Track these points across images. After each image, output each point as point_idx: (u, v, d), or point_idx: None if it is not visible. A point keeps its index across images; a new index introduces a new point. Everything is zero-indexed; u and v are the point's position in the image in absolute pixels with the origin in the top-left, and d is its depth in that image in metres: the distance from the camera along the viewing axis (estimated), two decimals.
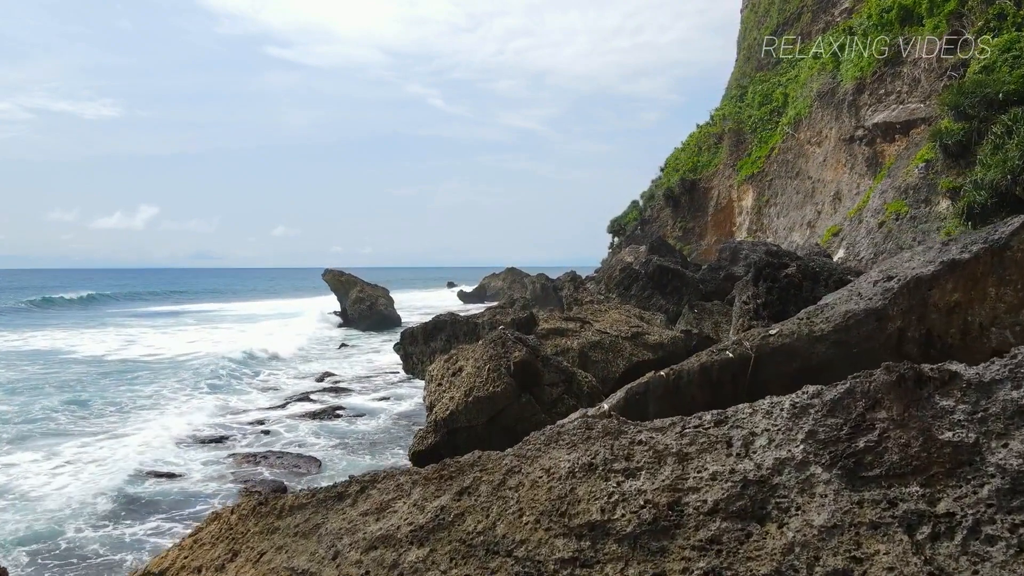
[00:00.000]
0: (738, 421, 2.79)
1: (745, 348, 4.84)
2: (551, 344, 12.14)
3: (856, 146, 23.71)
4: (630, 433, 2.96)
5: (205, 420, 13.31)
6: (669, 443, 2.82)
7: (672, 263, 14.91)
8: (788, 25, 44.62)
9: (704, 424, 2.86)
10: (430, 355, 13.33)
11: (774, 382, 4.86)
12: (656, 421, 3.01)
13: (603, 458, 2.88)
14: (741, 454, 2.63)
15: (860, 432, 2.43)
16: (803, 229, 27.49)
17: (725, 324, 12.93)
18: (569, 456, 2.96)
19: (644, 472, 2.76)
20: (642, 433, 2.93)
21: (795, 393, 2.77)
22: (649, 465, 2.78)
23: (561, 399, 8.48)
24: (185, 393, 16.34)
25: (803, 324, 4.92)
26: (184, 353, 24.37)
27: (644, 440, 2.89)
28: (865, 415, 2.46)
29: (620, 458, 2.86)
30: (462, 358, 9.47)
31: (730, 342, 5.01)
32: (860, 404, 2.49)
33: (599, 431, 3.02)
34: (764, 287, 10.30)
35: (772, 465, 2.51)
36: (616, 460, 2.85)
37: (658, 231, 40.56)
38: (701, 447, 2.74)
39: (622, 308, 13.39)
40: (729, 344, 4.98)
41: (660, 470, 2.73)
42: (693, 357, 5.08)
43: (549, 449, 3.08)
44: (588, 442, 2.99)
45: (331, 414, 13.88)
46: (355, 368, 21.13)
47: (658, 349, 12.11)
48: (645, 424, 3.02)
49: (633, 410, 4.89)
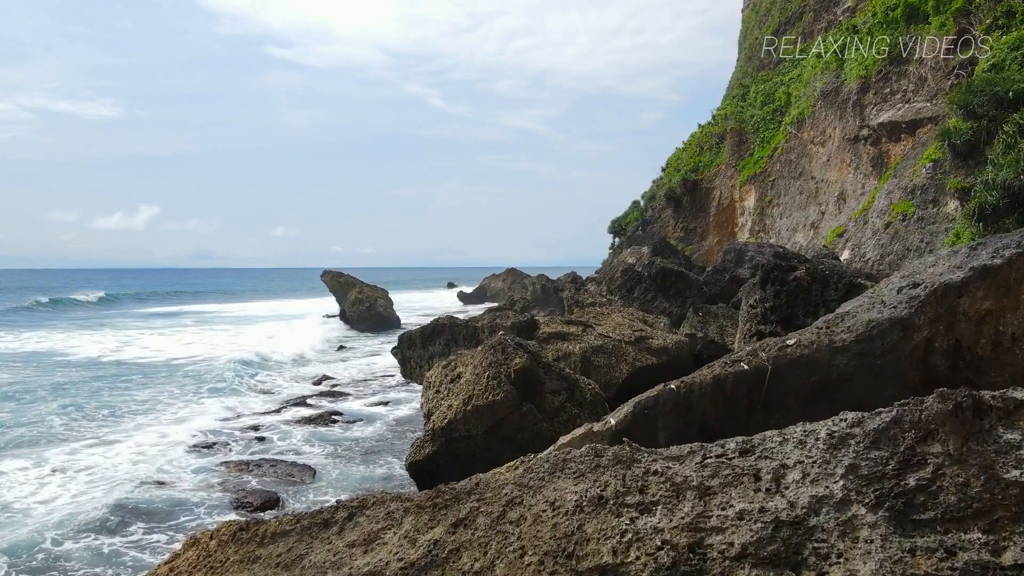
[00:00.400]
0: (767, 451, 2.49)
1: (761, 360, 4.54)
2: (552, 348, 11.85)
3: (861, 146, 23.40)
4: (644, 462, 2.65)
5: (198, 425, 13.01)
6: (688, 475, 2.52)
7: (675, 265, 14.61)
8: (790, 24, 44.35)
9: (728, 453, 2.56)
10: (428, 359, 13.04)
11: (791, 396, 4.57)
12: (673, 449, 2.71)
13: (614, 490, 2.58)
14: (771, 489, 2.32)
15: (910, 468, 2.13)
16: (806, 230, 27.17)
17: (731, 328, 12.63)
18: (576, 487, 2.66)
19: (660, 507, 2.46)
20: (657, 462, 2.63)
21: (831, 420, 2.46)
22: (666, 499, 2.48)
23: (563, 408, 8.19)
24: (179, 397, 16.05)
25: (823, 334, 4.62)
26: (180, 356, 24.08)
27: (660, 470, 2.59)
28: (915, 448, 2.16)
29: (633, 491, 2.56)
30: (461, 364, 9.17)
31: (744, 353, 4.70)
32: (909, 436, 2.19)
33: (609, 459, 2.72)
34: (772, 290, 10.00)
35: (808, 504, 2.21)
36: (629, 493, 2.55)
37: (659, 231, 40.24)
38: (725, 480, 2.43)
39: (625, 311, 13.09)
40: (743, 355, 4.68)
41: (679, 506, 2.43)
42: (705, 369, 4.78)
43: (554, 479, 2.78)
44: (597, 471, 2.69)
45: (327, 420, 13.57)
46: (353, 371, 20.83)
47: (662, 354, 11.81)
48: (660, 452, 2.72)
49: (641, 425, 4.59)
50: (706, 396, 4.55)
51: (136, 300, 69.03)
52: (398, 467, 9.95)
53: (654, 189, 45.94)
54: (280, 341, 27.00)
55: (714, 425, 4.57)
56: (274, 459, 10.81)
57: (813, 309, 9.90)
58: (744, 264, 13.73)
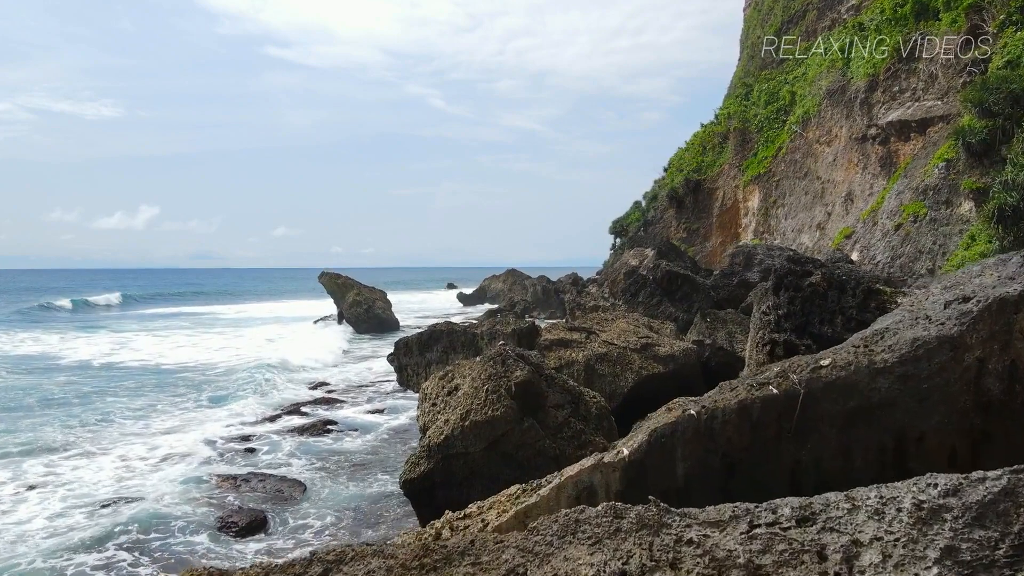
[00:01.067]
0: (832, 521, 1.99)
1: (792, 383, 4.05)
2: (554, 356, 11.37)
3: (869, 145, 22.90)
4: (675, 527, 2.17)
5: (188, 436, 12.52)
6: (732, 548, 2.03)
7: (682, 268, 14.12)
8: (793, 23, 43.87)
9: (781, 522, 2.06)
10: (425, 367, 12.55)
11: (826, 422, 4.08)
12: (711, 511, 2.22)
13: (639, 564, 2.09)
14: (842, 574, 1.83)
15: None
16: (812, 231, 26.68)
17: (740, 334, 12.14)
18: (592, 559, 2.17)
19: None
20: (692, 528, 2.14)
21: (916, 485, 1.97)
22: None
23: (567, 423, 7.69)
24: (170, 405, 15.55)
25: (860, 353, 4.12)
26: (173, 361, 23.58)
27: (696, 540, 2.10)
28: None
29: (663, 565, 2.07)
30: (458, 376, 8.69)
31: (772, 374, 4.21)
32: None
33: (632, 523, 2.23)
34: (786, 296, 9.50)
35: None
36: (658, 568, 2.06)
37: (661, 232, 39.75)
38: (781, 559, 1.94)
39: (629, 317, 12.60)
40: (771, 377, 4.19)
41: None
42: (728, 391, 4.28)
43: (564, 545, 2.29)
44: (617, 538, 2.21)
45: (321, 429, 13.09)
46: (350, 375, 20.34)
47: (669, 361, 11.33)
48: (695, 514, 2.22)
49: (657, 455, 4.10)
50: (730, 423, 4.05)
51: (158, 300, 68.48)
52: (391, 484, 9.45)
53: (656, 189, 45.44)
54: (276, 345, 26.54)
55: (739, 455, 4.08)
56: (264, 473, 10.32)
57: (829, 316, 9.41)
58: (753, 268, 13.24)
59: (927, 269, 16.30)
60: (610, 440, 8.16)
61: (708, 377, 11.99)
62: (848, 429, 4.02)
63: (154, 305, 61.26)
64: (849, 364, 4.07)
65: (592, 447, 7.70)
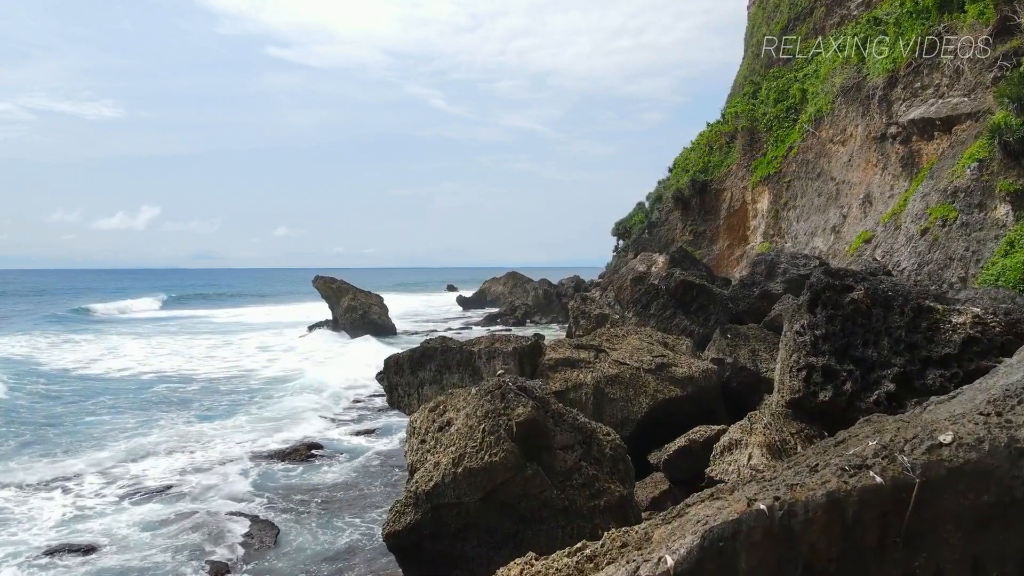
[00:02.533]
0: None
1: (902, 468, 2.92)
2: (560, 378, 10.25)
3: (889, 144, 21.76)
4: None
5: (155, 462, 11.41)
6: None
7: (697, 278, 12.98)
8: (800, 21, 42.81)
9: None
10: (418, 387, 11.43)
11: (950, 523, 2.95)
12: None
13: None
14: None
15: None
16: (826, 234, 25.54)
17: (764, 352, 11.01)
18: None
19: None
20: None
21: None
22: None
23: (578, 467, 6.57)
24: (139, 423, 14.40)
25: (995, 426, 3.00)
26: (151, 371, 22.38)
27: None
28: None
29: None
30: (451, 408, 7.56)
31: (869, 452, 3.08)
32: None
33: None
34: (824, 315, 8.37)
35: None
36: None
37: (666, 235, 38.64)
38: None
39: (642, 332, 11.47)
40: (868, 456, 3.05)
41: None
42: (807, 473, 3.15)
43: None
44: None
45: (304, 455, 11.97)
46: (341, 386, 19.26)
47: (687, 384, 10.20)
48: None
49: (713, 565, 2.97)
50: (816, 523, 2.93)
51: (197, 301, 67.12)
52: (378, 526, 8.33)
53: (660, 190, 44.30)
54: (264, 353, 25.44)
55: (827, 566, 2.96)
56: (234, 512, 9.20)
57: (874, 338, 8.29)
58: (776, 277, 12.10)
59: (959, 277, 15.17)
60: (627, 486, 7.04)
61: (729, 399, 10.87)
62: (981, 532, 2.90)
63: (194, 306, 59.92)
64: (980, 442, 2.95)
65: (606, 496, 6.58)
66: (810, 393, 8.27)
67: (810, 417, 8.46)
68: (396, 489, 9.70)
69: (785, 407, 8.63)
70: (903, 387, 7.91)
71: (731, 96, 57.17)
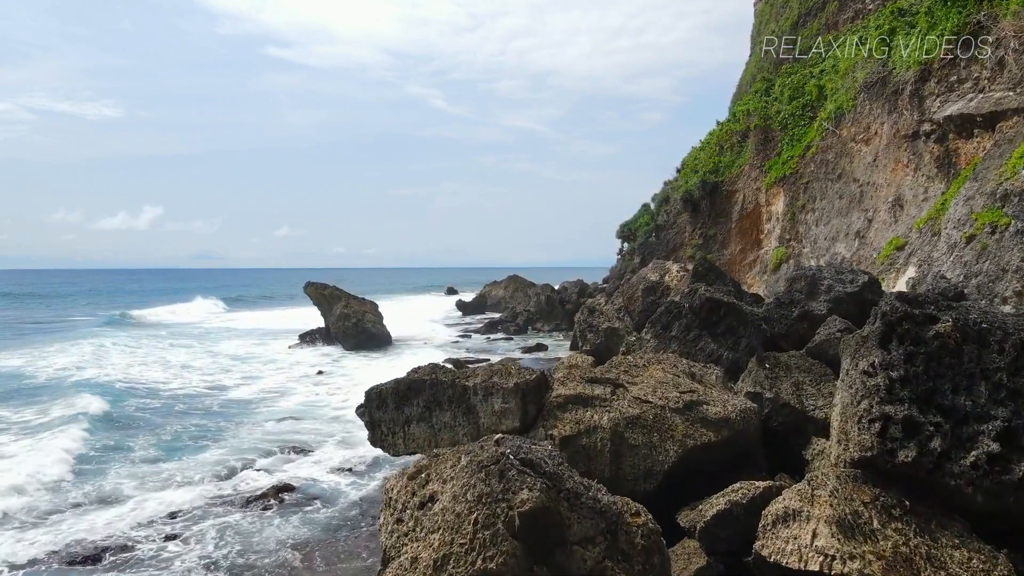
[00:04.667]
0: None
1: None
2: (570, 420, 8.63)
3: (921, 143, 20.12)
4: None
5: (87, 517, 9.76)
6: None
7: (725, 295, 11.34)
8: (810, 16, 41.25)
9: None
10: (403, 425, 9.81)
11: None
12: None
13: None
14: None
15: None
16: (849, 239, 23.90)
17: (809, 386, 9.37)
18: None
19: None
20: None
21: None
22: None
23: (601, 569, 4.94)
24: (75, 471, 12.58)
25: None
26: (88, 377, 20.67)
27: None
28: None
29: None
30: (435, 477, 5.94)
31: None
32: None
33: None
34: (901, 352, 6.75)
35: None
36: None
37: (675, 238, 37.02)
38: None
39: (665, 361, 9.84)
40: None
41: None
42: None
43: None
44: None
45: (273, 498, 10.37)
46: (328, 406, 17.66)
47: (722, 426, 8.57)
48: None
49: None
50: None
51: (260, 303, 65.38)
52: None
53: (667, 191, 42.66)
54: (245, 366, 23.80)
55: None
56: None
57: (967, 382, 6.68)
58: (819, 296, 10.47)
59: (1014, 291, 13.54)
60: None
61: (768, 441, 9.24)
62: None
63: (261, 307, 58.07)
64: None
65: None
66: (886, 451, 6.63)
67: (887, 480, 6.84)
68: (378, 552, 8.10)
69: (853, 466, 7.01)
70: (1009, 446, 6.29)
71: (737, 94, 55.60)
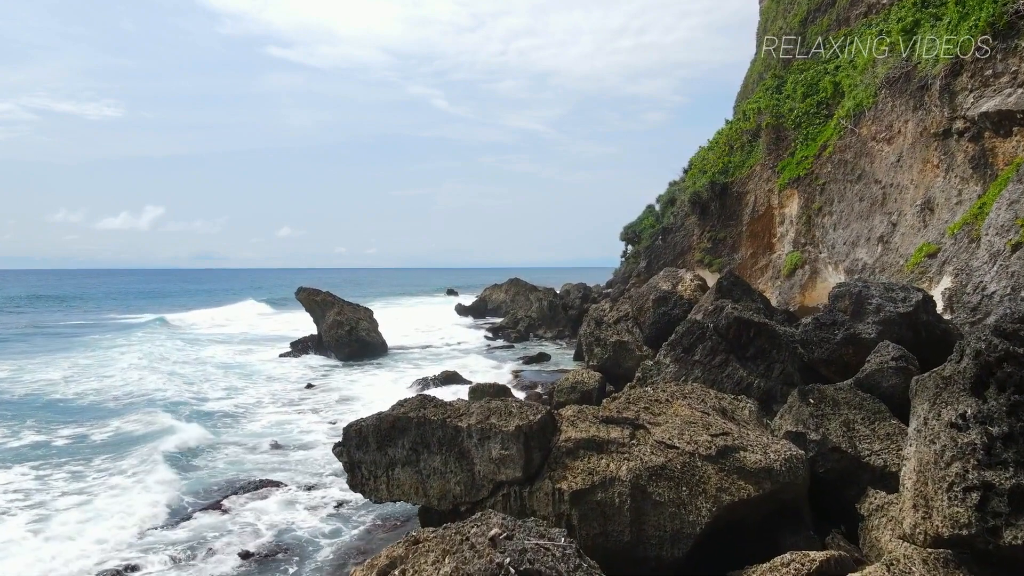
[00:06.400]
0: None
1: None
2: (582, 469, 7.26)
3: (953, 142, 18.72)
4: None
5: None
6: None
7: (756, 314, 9.95)
8: (820, 12, 39.90)
9: None
10: (387, 468, 8.44)
11: None
12: None
13: None
14: None
15: None
16: (871, 245, 22.50)
17: (862, 425, 7.98)
18: None
19: None
20: None
21: None
22: None
23: None
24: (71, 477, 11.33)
25: None
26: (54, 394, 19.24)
27: None
28: None
29: None
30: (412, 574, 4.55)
31: None
32: None
33: None
34: (1003, 402, 5.38)
35: None
36: None
37: (682, 241, 35.63)
38: None
39: (691, 394, 8.45)
40: None
41: None
42: None
43: None
44: None
45: (239, 554, 8.98)
46: (315, 425, 16.31)
47: (764, 479, 7.18)
48: None
49: None
50: None
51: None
52: None
53: (673, 192, 41.26)
54: (226, 377, 22.41)
55: None
56: None
57: None
58: (866, 316, 9.08)
59: None
60: None
61: (814, 490, 7.83)
62: None
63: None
64: None
65: None
66: (988, 530, 5.24)
67: (985, 563, 5.48)
68: None
69: (939, 544, 5.63)
70: None
71: (742, 93, 54.22)
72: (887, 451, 7.69)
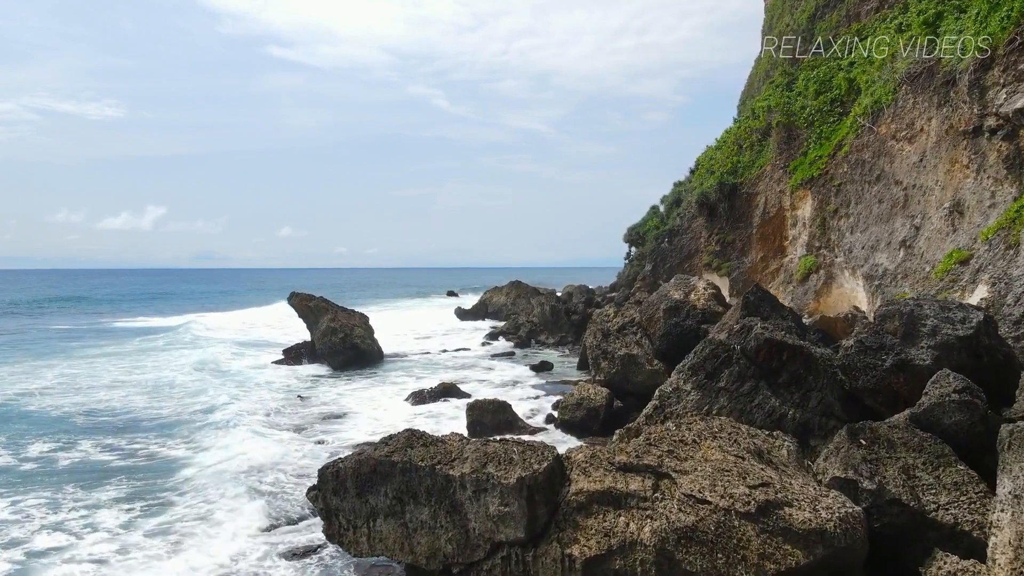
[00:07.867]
0: None
1: None
2: (597, 530, 6.08)
3: (984, 140, 17.53)
4: None
5: None
6: None
7: (789, 336, 8.78)
8: (829, 8, 38.78)
9: None
10: (368, 518, 7.27)
11: None
12: None
13: None
14: None
15: None
16: (892, 249, 21.31)
17: (925, 472, 6.80)
18: None
19: None
20: None
21: None
22: None
23: None
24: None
25: None
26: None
27: None
28: None
29: None
30: None
31: None
32: None
33: None
34: None
35: None
36: None
37: (689, 244, 34.46)
38: None
39: (721, 433, 7.27)
40: None
41: None
42: None
43: None
44: None
45: None
46: (304, 440, 15.19)
47: (815, 543, 6.00)
48: None
49: None
50: None
51: None
52: None
53: (679, 193, 40.07)
54: (213, 385, 21.21)
55: None
56: None
57: None
58: (920, 340, 7.91)
59: None
60: None
61: (869, 550, 6.64)
62: None
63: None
64: None
65: None
66: None
67: None
68: None
69: None
70: None
71: (747, 91, 53.01)
72: (957, 504, 6.51)
